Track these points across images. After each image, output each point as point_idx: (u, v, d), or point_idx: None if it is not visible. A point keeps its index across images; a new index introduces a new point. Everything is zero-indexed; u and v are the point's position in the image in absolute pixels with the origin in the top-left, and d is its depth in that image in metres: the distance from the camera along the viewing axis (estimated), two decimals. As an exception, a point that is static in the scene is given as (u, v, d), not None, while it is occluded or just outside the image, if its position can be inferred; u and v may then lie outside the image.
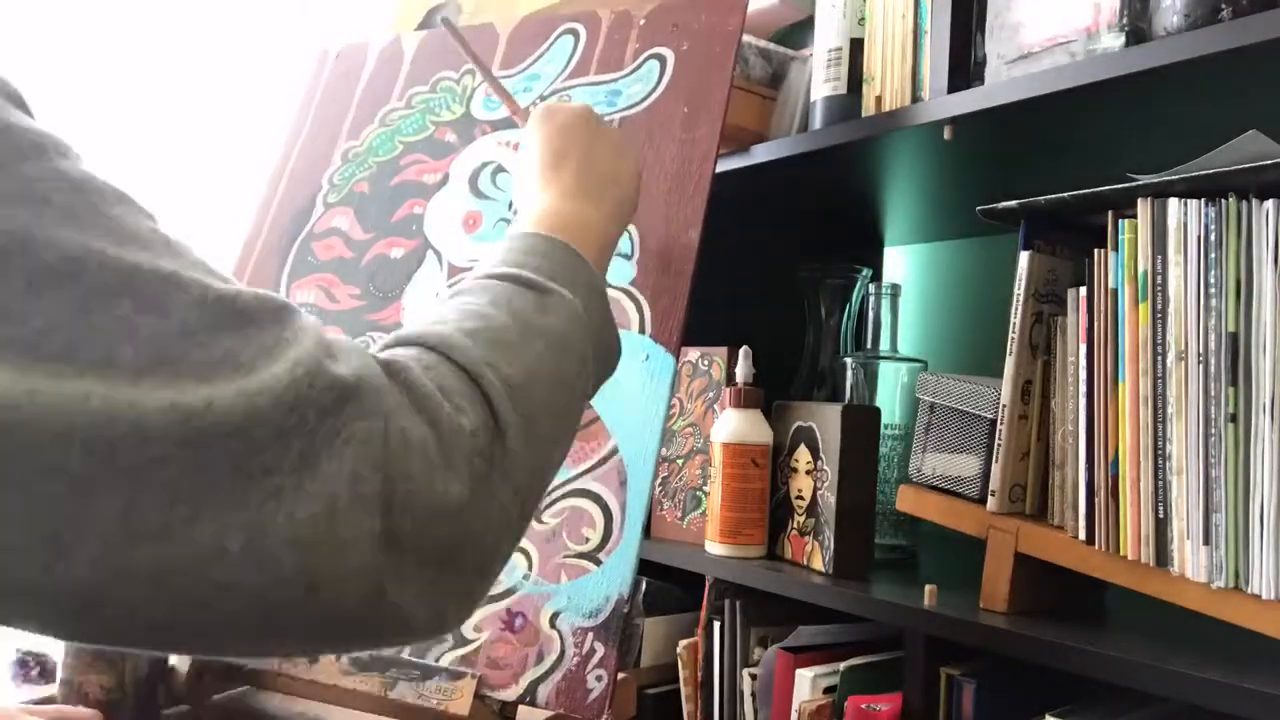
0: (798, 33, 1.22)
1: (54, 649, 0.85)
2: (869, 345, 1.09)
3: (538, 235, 0.58)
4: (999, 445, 0.80)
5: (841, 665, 0.88)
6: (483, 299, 0.51)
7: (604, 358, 0.59)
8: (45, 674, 0.94)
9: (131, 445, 0.34)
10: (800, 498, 0.97)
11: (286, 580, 0.36)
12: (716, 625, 1.02)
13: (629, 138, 0.73)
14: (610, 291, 0.85)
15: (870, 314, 1.09)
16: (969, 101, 0.81)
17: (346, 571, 0.37)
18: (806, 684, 0.89)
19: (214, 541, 0.35)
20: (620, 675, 0.75)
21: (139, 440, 0.34)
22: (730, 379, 1.03)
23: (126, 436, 0.34)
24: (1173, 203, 0.68)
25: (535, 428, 0.47)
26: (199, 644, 0.39)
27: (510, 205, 0.93)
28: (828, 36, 0.96)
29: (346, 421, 0.38)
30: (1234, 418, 0.64)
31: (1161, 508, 0.68)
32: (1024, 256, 0.80)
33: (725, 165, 1.02)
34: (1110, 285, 0.72)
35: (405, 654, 0.81)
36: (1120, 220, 0.72)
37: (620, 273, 0.85)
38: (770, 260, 1.25)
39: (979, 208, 0.85)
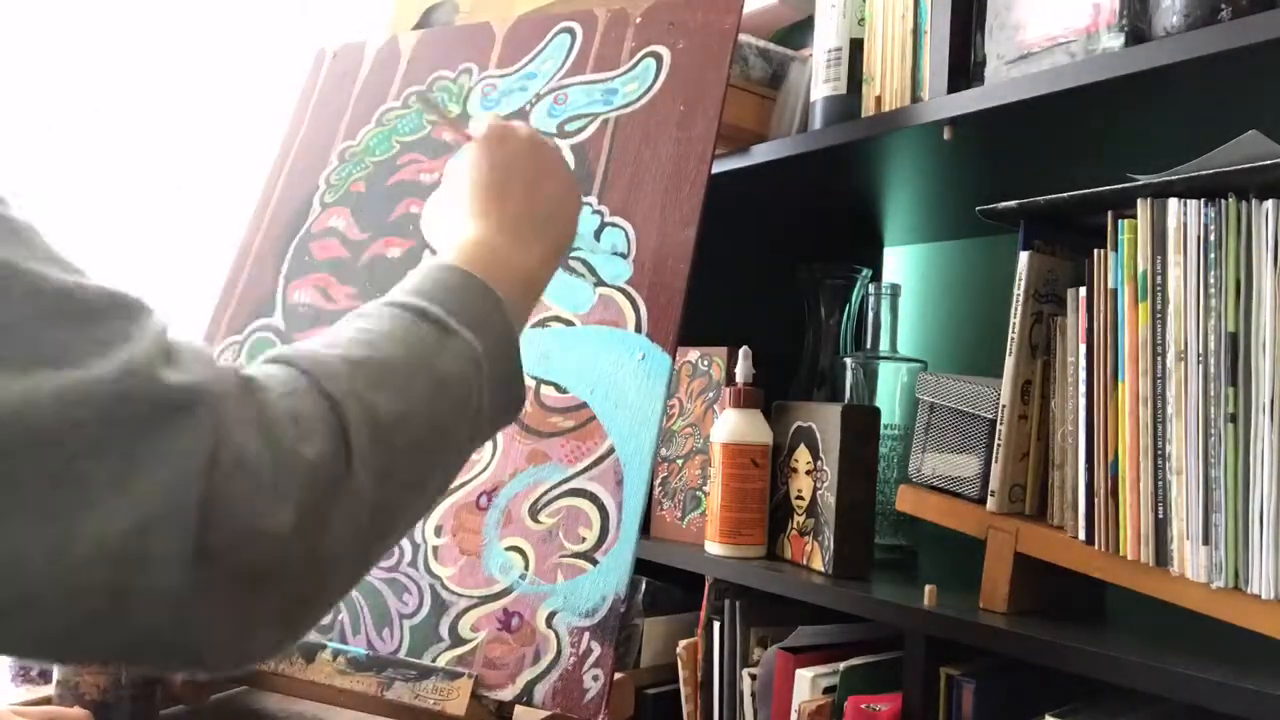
0: (797, 33, 1.22)
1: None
2: (869, 345, 1.09)
3: (458, 270, 0.56)
4: (998, 445, 0.80)
5: (841, 665, 0.88)
6: (381, 326, 0.49)
7: (504, 406, 0.56)
8: (44, 674, 0.94)
9: None
10: (800, 498, 0.97)
11: (92, 594, 0.34)
12: (716, 625, 1.02)
13: (569, 173, 0.71)
14: (606, 290, 0.85)
15: (870, 314, 1.09)
16: (969, 102, 0.81)
17: (154, 587, 0.35)
18: (806, 684, 0.89)
19: (15, 552, 0.33)
20: (618, 675, 0.75)
21: None
22: (730, 379, 1.03)
23: None
24: (1172, 203, 0.68)
25: (394, 470, 0.45)
26: (7, 651, 0.37)
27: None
28: (827, 36, 0.96)
29: (172, 435, 0.36)
30: (1234, 418, 0.64)
31: (1161, 508, 0.68)
32: (1023, 257, 0.80)
33: (725, 165, 1.02)
34: (1110, 285, 0.72)
35: (402, 654, 0.80)
36: (1120, 220, 0.72)
37: (616, 271, 0.85)
38: (770, 260, 1.25)
39: (979, 208, 0.85)
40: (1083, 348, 0.74)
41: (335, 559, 0.42)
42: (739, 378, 1.00)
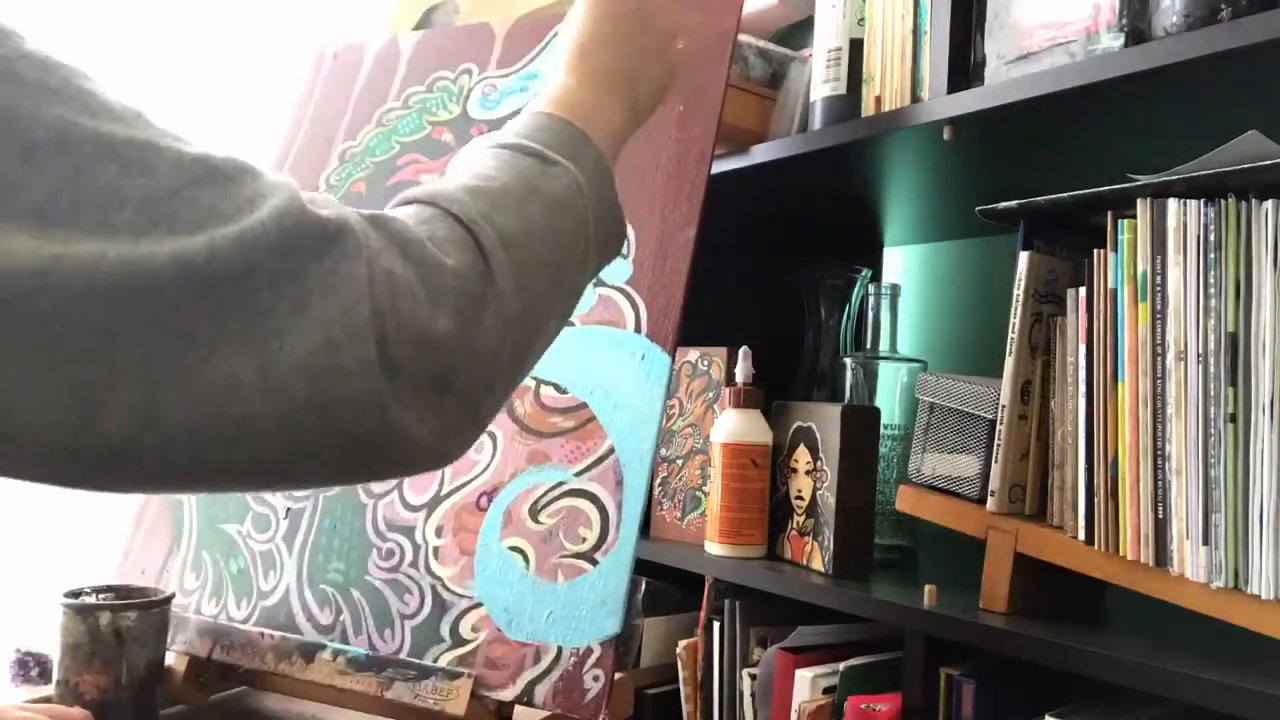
0: (797, 33, 1.22)
1: (52, 650, 0.85)
2: (868, 345, 1.09)
3: (549, 114, 0.60)
4: (998, 445, 0.80)
5: (841, 665, 0.88)
6: (488, 163, 0.54)
7: (607, 235, 0.60)
8: (44, 674, 0.94)
9: (147, 297, 0.36)
10: (800, 498, 0.97)
11: (299, 407, 0.39)
12: (716, 625, 1.01)
13: (670, 29, 0.71)
14: (606, 290, 0.85)
15: (870, 314, 1.09)
16: (968, 102, 0.81)
17: (352, 396, 0.40)
18: (806, 684, 0.89)
19: (229, 379, 0.38)
20: (618, 675, 0.75)
21: (154, 292, 0.37)
22: (730, 379, 1.03)
23: (143, 290, 0.36)
24: (1172, 203, 0.68)
25: (528, 277, 0.50)
26: (232, 482, 0.42)
27: None
28: (827, 37, 0.96)
29: (333, 264, 0.41)
30: (1233, 418, 0.64)
31: (1161, 508, 0.68)
32: (1023, 257, 0.80)
33: (725, 165, 1.02)
34: (1110, 285, 0.72)
35: (403, 654, 0.80)
36: (1120, 220, 0.72)
37: (616, 271, 0.85)
38: (770, 260, 1.25)
39: (978, 208, 0.85)
40: (1082, 348, 0.74)
41: (496, 354, 0.47)
42: (739, 378, 1.00)
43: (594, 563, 0.77)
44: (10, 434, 0.36)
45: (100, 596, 0.86)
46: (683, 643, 1.06)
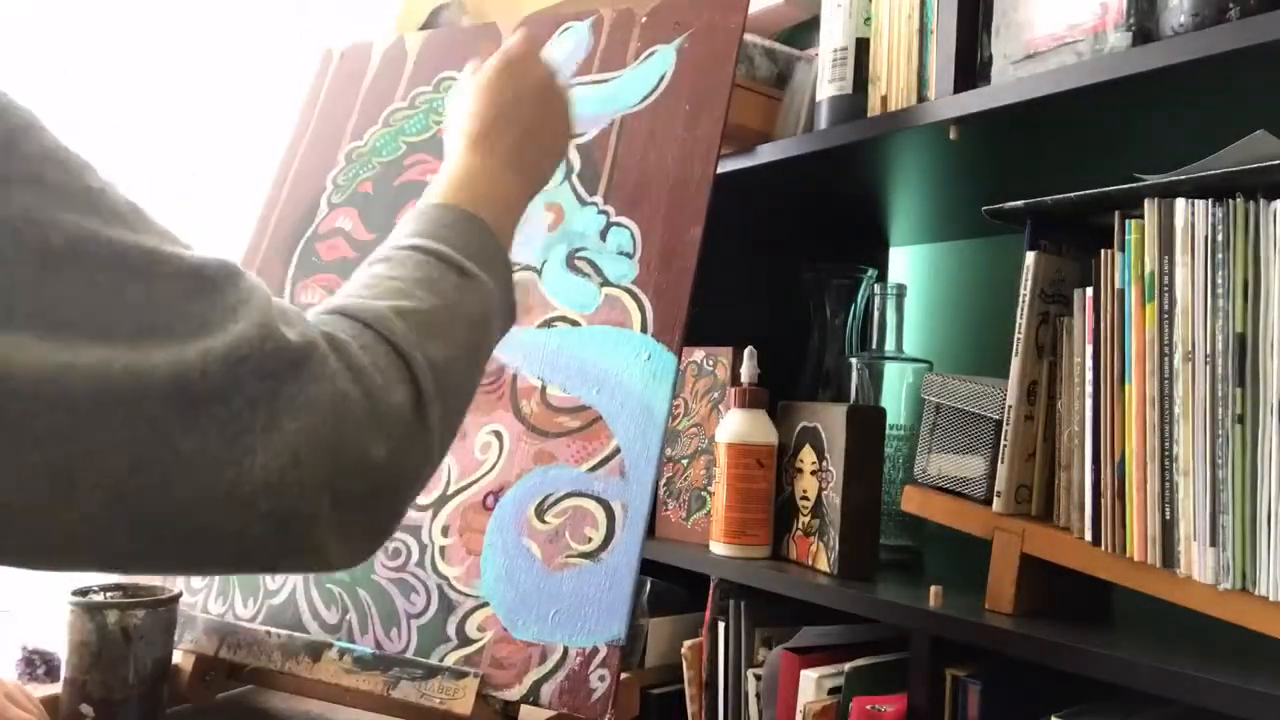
0: (803, 32, 1.21)
1: (59, 648, 0.86)
2: (874, 346, 1.09)
3: (458, 210, 0.62)
4: (1004, 446, 0.80)
5: (846, 666, 0.88)
6: (412, 273, 0.56)
7: (507, 320, 0.64)
8: (51, 672, 0.94)
9: (144, 408, 0.38)
10: (805, 498, 0.97)
11: (258, 519, 0.42)
12: (721, 626, 1.01)
13: (570, 117, 0.77)
14: (612, 290, 0.85)
15: (875, 314, 1.09)
16: (975, 101, 0.81)
17: (300, 511, 0.43)
18: (811, 685, 0.89)
19: (205, 491, 0.40)
20: (623, 675, 0.75)
21: (152, 402, 0.39)
22: (735, 379, 1.03)
23: (141, 401, 0.38)
24: (1180, 203, 0.68)
25: (450, 404, 0.53)
26: (178, 570, 0.46)
27: None
28: (833, 36, 0.96)
29: (302, 386, 0.43)
30: (1241, 419, 0.64)
31: (1168, 509, 0.68)
32: (1030, 257, 0.80)
33: (730, 165, 1.02)
34: (1117, 286, 0.72)
35: (410, 653, 0.81)
36: (1127, 220, 0.71)
37: (622, 271, 0.85)
38: (775, 260, 1.25)
39: (985, 208, 0.85)
40: (1089, 348, 0.74)
41: (417, 478, 0.51)
42: (744, 378, 1.00)
43: (600, 563, 0.77)
44: None
45: (107, 595, 0.86)
46: (688, 643, 1.06)
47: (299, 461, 0.42)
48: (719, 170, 0.88)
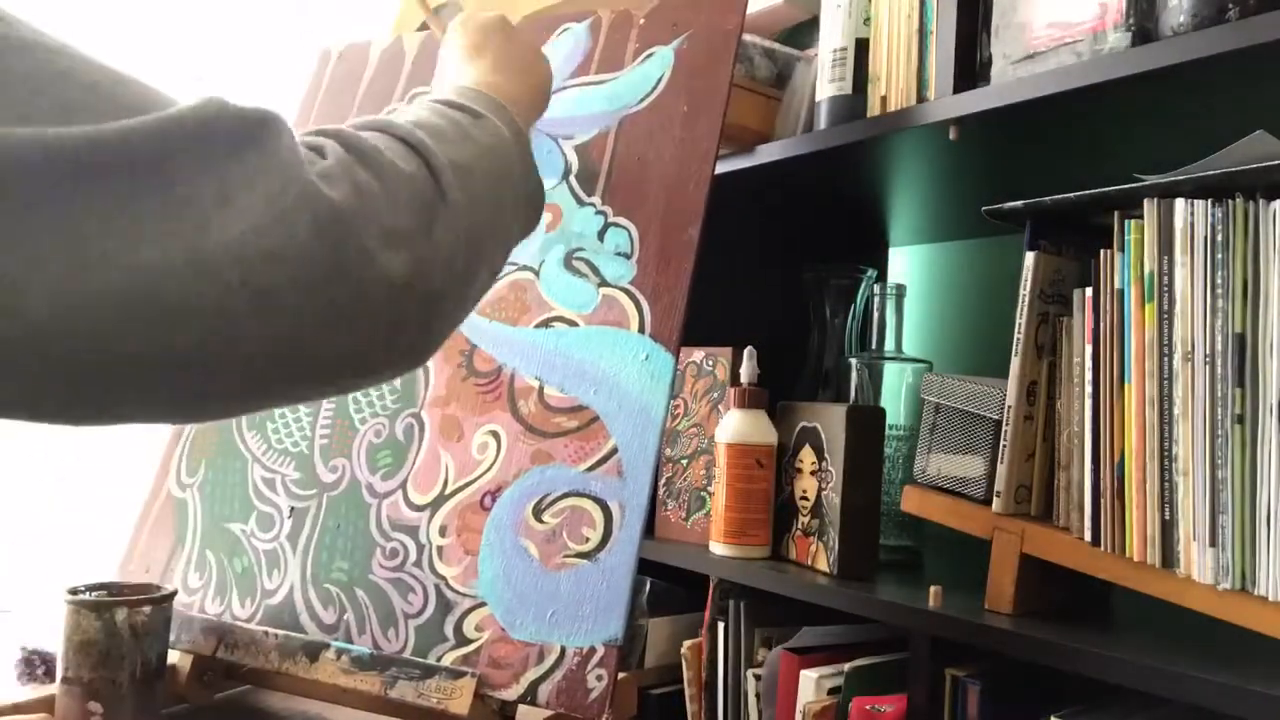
0: (803, 33, 1.21)
1: (58, 648, 0.85)
2: (874, 346, 1.09)
3: (466, 87, 0.63)
4: (1004, 446, 0.80)
5: (846, 666, 0.88)
6: (422, 113, 0.55)
7: (531, 195, 0.62)
8: (50, 673, 0.94)
9: (57, 172, 0.35)
10: (805, 498, 0.97)
11: (234, 290, 0.38)
12: (721, 626, 1.01)
13: (540, 49, 0.79)
14: (610, 290, 0.85)
15: (875, 314, 1.09)
16: (974, 102, 0.81)
17: (292, 280, 0.40)
18: (811, 685, 0.89)
19: (159, 260, 0.37)
20: (621, 675, 0.75)
21: (64, 165, 0.35)
22: (735, 379, 1.03)
23: (53, 165, 0.35)
24: (1179, 203, 0.68)
25: (475, 201, 0.50)
26: (184, 377, 0.40)
27: None
28: (833, 36, 0.96)
29: (259, 150, 0.40)
30: (1240, 419, 0.64)
31: (1168, 509, 0.68)
32: (1029, 257, 0.80)
33: (730, 165, 1.02)
34: (1116, 286, 0.72)
35: (407, 653, 0.80)
36: (1126, 221, 0.71)
37: (620, 272, 0.85)
38: (775, 261, 1.25)
39: (984, 208, 0.84)
40: (1089, 348, 0.74)
41: (449, 260, 0.47)
42: (744, 378, 1.00)
43: (597, 563, 0.77)
44: None
45: (99, 594, 0.86)
46: (687, 643, 1.06)
47: (262, 230, 0.39)
48: (719, 170, 0.88)
